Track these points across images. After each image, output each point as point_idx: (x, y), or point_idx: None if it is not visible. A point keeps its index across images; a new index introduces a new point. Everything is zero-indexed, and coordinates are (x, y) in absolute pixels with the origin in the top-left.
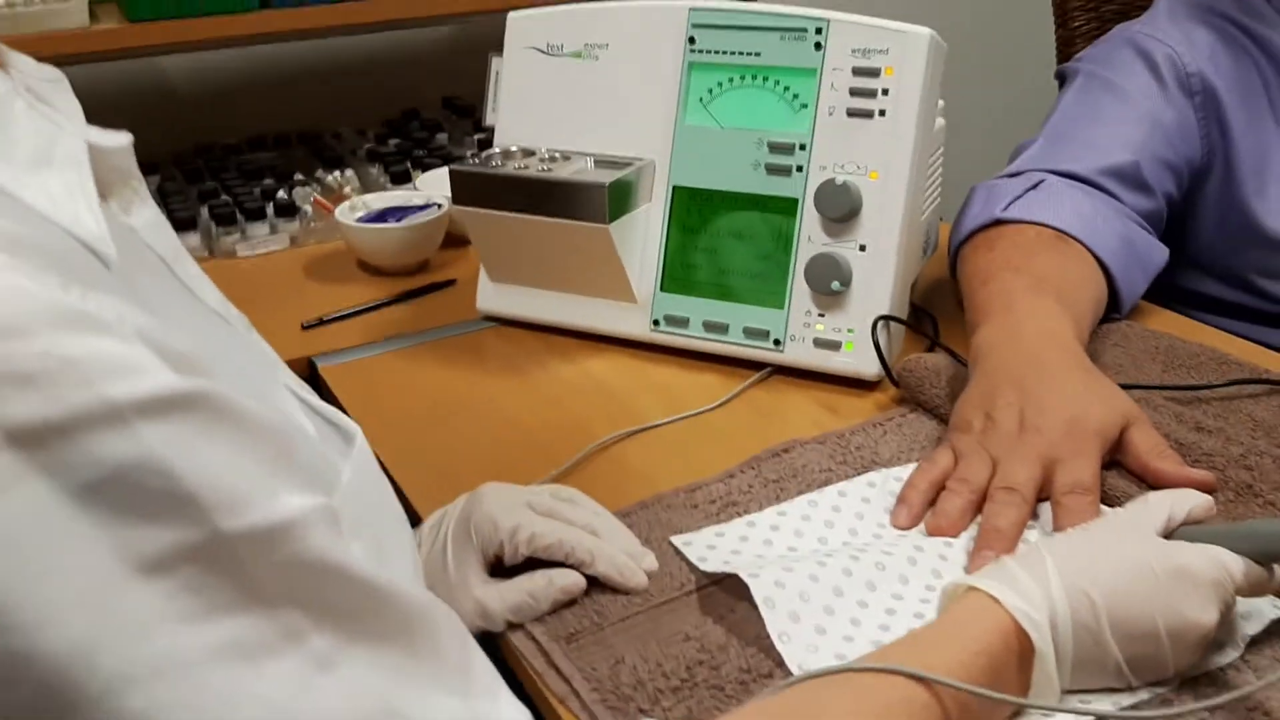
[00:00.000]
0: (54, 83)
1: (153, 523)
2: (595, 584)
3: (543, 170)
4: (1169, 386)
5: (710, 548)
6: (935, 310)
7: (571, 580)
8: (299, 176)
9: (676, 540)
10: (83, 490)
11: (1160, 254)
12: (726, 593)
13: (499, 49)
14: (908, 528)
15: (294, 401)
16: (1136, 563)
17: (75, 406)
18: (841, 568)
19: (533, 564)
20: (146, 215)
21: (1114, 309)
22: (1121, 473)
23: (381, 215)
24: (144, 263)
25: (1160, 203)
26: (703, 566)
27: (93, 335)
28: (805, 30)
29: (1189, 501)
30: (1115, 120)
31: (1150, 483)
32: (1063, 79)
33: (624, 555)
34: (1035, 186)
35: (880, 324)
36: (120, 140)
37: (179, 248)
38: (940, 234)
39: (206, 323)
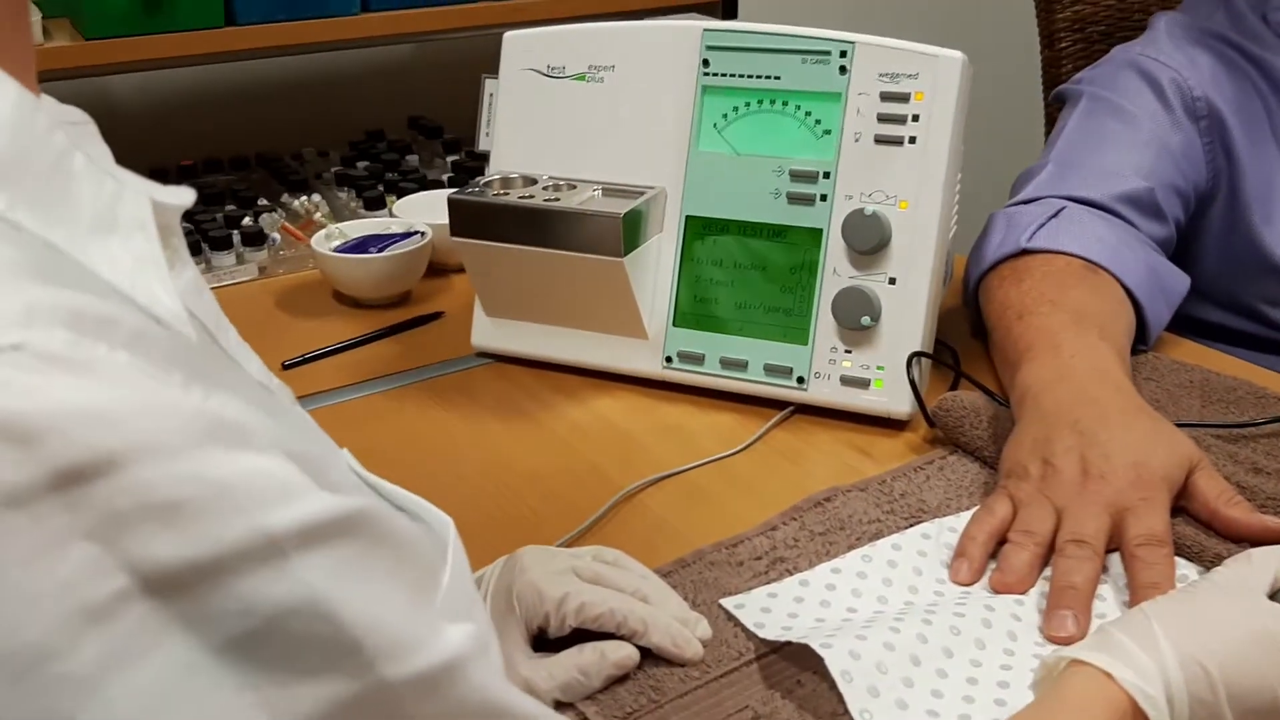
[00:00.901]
0: (80, 125)
1: (309, 677)
2: (647, 655)
3: (549, 200)
4: (1218, 425)
5: (765, 611)
6: (950, 343)
7: (625, 654)
8: (263, 202)
9: (728, 603)
10: (230, 645)
11: (1182, 283)
12: (788, 661)
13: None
14: (969, 583)
15: (365, 489)
16: (1253, 630)
17: (227, 542)
18: (916, 633)
19: (577, 635)
20: (187, 276)
21: (1140, 340)
22: (1188, 520)
23: (361, 244)
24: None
25: (1172, 230)
26: (760, 634)
27: (239, 449)
28: (829, 53)
29: None
30: (1125, 145)
31: (1220, 531)
32: (1063, 100)
33: (677, 623)
34: (1056, 214)
35: (913, 360)
36: (185, 197)
37: (219, 312)
38: (955, 263)
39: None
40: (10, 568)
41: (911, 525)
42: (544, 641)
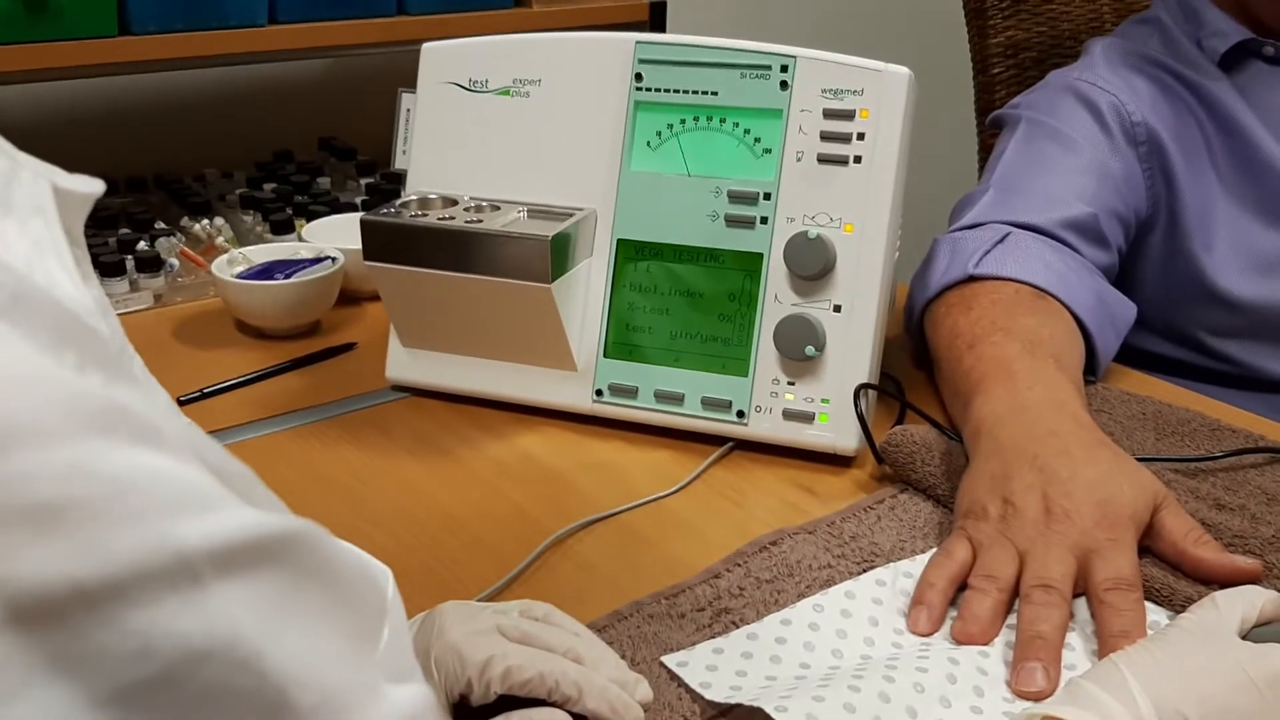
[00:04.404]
0: None
1: None
2: None
3: (470, 221)
4: (1177, 459)
5: (711, 669)
6: (893, 373)
7: None
8: (160, 225)
9: (670, 661)
10: (118, 697)
11: (1130, 311)
12: None
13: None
14: (929, 633)
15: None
16: (1230, 673)
17: (123, 558)
18: (878, 692)
19: (504, 702)
20: (93, 293)
21: (1089, 371)
22: (1155, 561)
23: (266, 270)
24: None
25: (1115, 256)
26: (707, 695)
27: (141, 446)
28: (769, 68)
29: (1259, 599)
30: (1066, 170)
31: (1189, 572)
32: (1000, 125)
33: (615, 687)
34: (1002, 240)
35: (860, 393)
36: (94, 186)
37: (124, 338)
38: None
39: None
40: None
41: (864, 570)
42: (466, 709)
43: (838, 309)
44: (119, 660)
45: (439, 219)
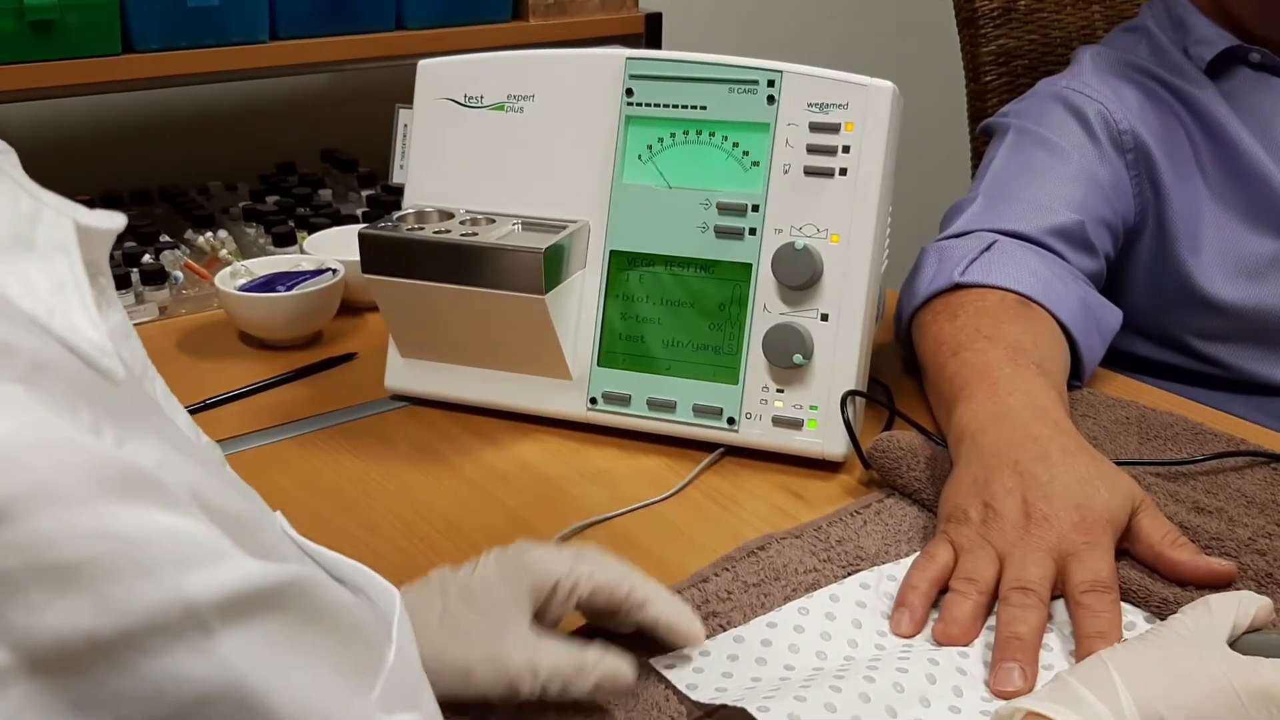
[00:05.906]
0: (2, 154)
1: None
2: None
3: (466, 234)
4: (1158, 463)
5: (698, 671)
6: (883, 380)
7: (620, 666)
8: (165, 238)
9: (658, 663)
10: None
11: (1115, 317)
12: None
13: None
14: (911, 635)
15: (301, 556)
16: (1216, 683)
17: (137, 612)
18: (858, 692)
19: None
20: (115, 320)
21: (1074, 376)
22: (1132, 563)
23: (268, 283)
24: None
25: (1102, 263)
26: (693, 696)
27: (152, 505)
28: (757, 83)
29: (1252, 605)
30: (1054, 178)
31: (1165, 574)
32: (990, 133)
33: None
34: (989, 248)
35: (847, 399)
36: (115, 221)
37: (146, 360)
38: (885, 299)
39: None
40: None
41: (849, 574)
42: None
43: (825, 318)
44: (133, 704)
45: (435, 232)
